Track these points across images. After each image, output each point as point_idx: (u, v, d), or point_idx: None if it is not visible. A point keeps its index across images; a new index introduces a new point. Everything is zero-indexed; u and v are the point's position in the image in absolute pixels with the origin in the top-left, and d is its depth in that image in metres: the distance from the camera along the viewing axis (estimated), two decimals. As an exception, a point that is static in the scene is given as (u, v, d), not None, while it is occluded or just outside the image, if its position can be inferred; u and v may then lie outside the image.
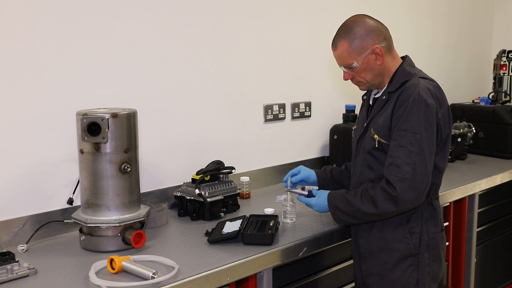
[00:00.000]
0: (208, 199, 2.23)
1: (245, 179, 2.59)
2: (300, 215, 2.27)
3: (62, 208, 2.10)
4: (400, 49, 1.99)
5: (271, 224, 2.04)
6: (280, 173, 2.90)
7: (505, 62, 3.83)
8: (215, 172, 2.36)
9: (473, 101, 3.98)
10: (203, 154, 2.55)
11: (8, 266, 1.66)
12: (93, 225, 1.87)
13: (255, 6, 2.71)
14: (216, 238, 1.95)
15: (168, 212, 2.27)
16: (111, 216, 1.88)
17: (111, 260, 1.69)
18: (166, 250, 1.89)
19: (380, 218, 1.89)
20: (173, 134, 2.45)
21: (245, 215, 2.16)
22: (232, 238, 1.95)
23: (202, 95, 2.54)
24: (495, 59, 3.93)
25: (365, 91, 2.09)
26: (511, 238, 3.41)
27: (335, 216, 1.94)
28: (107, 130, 1.83)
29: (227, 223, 2.09)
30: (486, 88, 4.47)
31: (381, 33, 1.88)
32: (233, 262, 1.78)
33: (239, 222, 2.07)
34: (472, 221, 2.97)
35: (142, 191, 2.15)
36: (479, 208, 3.02)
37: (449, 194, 2.70)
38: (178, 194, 2.33)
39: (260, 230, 2.00)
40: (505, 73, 3.84)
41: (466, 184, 2.84)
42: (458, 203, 2.91)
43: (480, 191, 2.98)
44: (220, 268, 1.74)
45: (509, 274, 3.47)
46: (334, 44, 1.92)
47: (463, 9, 4.18)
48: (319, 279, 2.21)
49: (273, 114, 2.86)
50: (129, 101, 2.24)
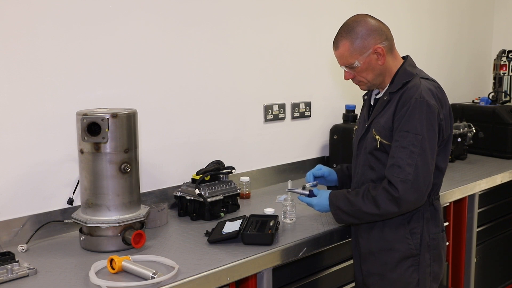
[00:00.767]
0: (208, 199, 2.23)
1: (245, 179, 2.58)
2: (300, 215, 2.27)
3: (62, 208, 2.10)
4: (400, 49, 1.98)
5: (271, 224, 2.04)
6: (280, 173, 2.90)
7: (505, 62, 3.83)
8: (215, 172, 2.36)
9: (473, 101, 3.98)
10: (203, 154, 2.55)
11: (8, 266, 1.66)
12: (93, 225, 1.87)
13: (255, 6, 2.71)
14: (216, 238, 1.95)
15: (168, 212, 2.27)
16: (111, 216, 1.88)
17: (111, 260, 1.69)
18: (166, 250, 1.89)
19: (381, 219, 1.89)
20: (173, 134, 2.45)
21: (245, 215, 2.16)
22: (232, 238, 1.95)
23: (202, 95, 2.54)
24: (495, 59, 3.93)
25: (366, 91, 2.09)
26: (511, 238, 3.41)
27: (336, 216, 1.94)
28: (107, 130, 1.83)
29: (227, 223, 2.09)
30: (486, 88, 4.47)
31: (382, 33, 1.88)
32: (233, 262, 1.78)
33: (239, 222, 2.07)
34: (472, 221, 2.97)
35: (142, 191, 2.15)
36: (479, 208, 3.02)
37: (449, 194, 2.70)
38: (178, 194, 2.33)
39: (260, 230, 2.00)
40: (505, 73, 3.84)
41: (466, 184, 2.84)
42: (458, 203, 2.91)
43: (480, 191, 2.98)
44: (220, 268, 1.74)
45: (509, 274, 3.47)
46: (336, 43, 1.91)
47: (463, 9, 4.18)
48: (319, 279, 2.21)
49: (273, 114, 2.86)
50: (129, 101, 2.24)
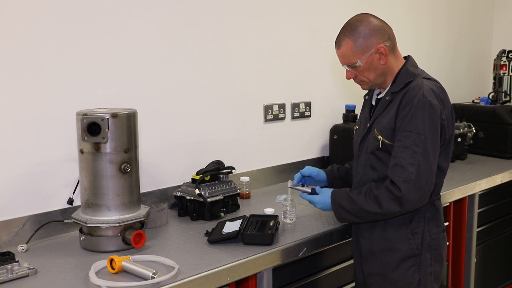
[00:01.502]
0: (208, 199, 2.23)
1: (245, 179, 2.58)
2: (300, 215, 2.27)
3: (62, 208, 2.10)
4: (400, 49, 1.98)
5: (271, 224, 2.04)
6: (280, 173, 2.90)
7: (505, 62, 3.83)
8: (215, 172, 2.36)
9: (473, 101, 3.98)
10: (203, 154, 2.55)
11: (8, 266, 1.66)
12: (93, 225, 1.87)
13: (255, 6, 2.71)
14: (216, 238, 1.95)
15: (168, 212, 2.27)
16: (111, 216, 1.88)
17: (111, 260, 1.69)
18: (166, 250, 1.89)
19: (383, 218, 1.89)
20: (173, 134, 2.45)
21: (245, 215, 2.16)
22: (232, 238, 1.95)
23: (202, 95, 2.54)
24: (495, 59, 3.93)
25: (367, 91, 2.08)
26: (511, 238, 3.41)
27: (337, 214, 1.93)
28: (107, 130, 1.83)
29: (227, 223, 2.09)
30: (486, 88, 4.47)
31: (385, 32, 1.88)
32: (233, 262, 1.78)
33: (239, 222, 2.07)
34: (472, 221, 2.97)
35: (142, 191, 2.15)
36: (479, 208, 3.02)
37: (449, 194, 2.70)
38: (178, 194, 2.33)
39: (260, 230, 2.00)
40: (505, 73, 3.84)
41: (466, 184, 2.84)
42: (458, 203, 2.91)
43: (480, 191, 2.98)
44: (220, 268, 1.74)
45: (509, 274, 3.47)
46: (338, 42, 1.91)
47: (463, 9, 4.18)
48: (319, 279, 2.21)
49: (273, 114, 2.86)
50: (129, 101, 2.24)
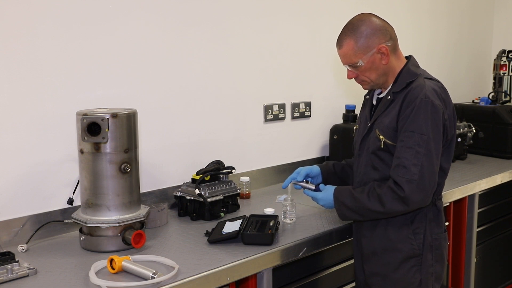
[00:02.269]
0: (208, 199, 2.23)
1: (245, 179, 2.58)
2: (300, 215, 2.27)
3: (62, 208, 2.10)
4: (400, 49, 1.98)
5: (271, 224, 2.04)
6: (280, 173, 2.89)
7: (505, 62, 3.83)
8: (215, 172, 2.36)
9: (473, 101, 3.98)
10: (203, 154, 2.55)
11: (8, 266, 1.66)
12: (93, 225, 1.87)
13: (255, 6, 2.71)
14: (216, 238, 1.95)
15: (168, 212, 2.27)
16: (111, 216, 1.88)
17: (111, 260, 1.69)
18: (166, 250, 1.89)
19: (385, 217, 1.89)
20: (173, 134, 2.45)
21: (245, 215, 2.16)
22: (232, 238, 1.95)
23: (202, 95, 2.54)
24: (495, 59, 3.93)
25: (367, 91, 2.08)
26: (511, 238, 3.41)
27: (339, 211, 1.93)
28: (107, 130, 1.83)
29: (227, 223, 2.09)
30: (486, 88, 4.47)
31: (387, 32, 1.87)
32: (233, 262, 1.78)
33: (239, 222, 2.07)
34: (472, 221, 2.97)
35: (142, 191, 2.15)
36: (479, 208, 3.02)
37: (449, 194, 2.70)
38: (178, 194, 2.33)
39: (260, 230, 2.00)
40: (505, 73, 3.84)
41: (466, 184, 2.84)
42: (458, 203, 2.91)
43: (480, 191, 2.98)
44: (220, 268, 1.74)
45: (509, 274, 3.47)
46: (340, 42, 1.90)
47: (463, 9, 4.18)
48: (319, 279, 2.21)
49: (273, 114, 2.86)
50: (129, 101, 2.24)
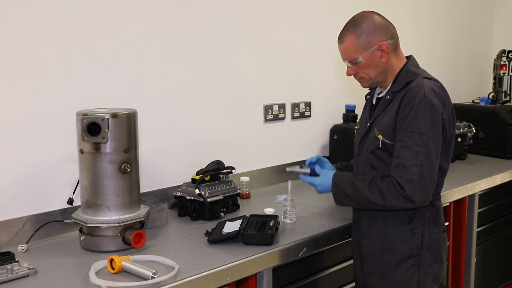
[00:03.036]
0: (208, 199, 2.23)
1: (245, 179, 2.58)
2: (300, 215, 2.27)
3: (62, 208, 2.10)
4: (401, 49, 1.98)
5: (271, 224, 2.04)
6: (280, 173, 2.89)
7: (505, 62, 3.83)
8: (215, 172, 2.36)
9: (473, 101, 3.98)
10: (203, 154, 2.55)
11: (8, 266, 1.66)
12: (93, 225, 1.87)
13: (255, 6, 2.71)
14: (216, 238, 1.95)
15: (168, 212, 2.27)
16: (111, 216, 1.88)
17: (111, 260, 1.69)
18: (166, 250, 1.89)
19: (384, 210, 1.89)
20: (173, 134, 2.45)
21: (245, 215, 2.16)
22: (232, 238, 1.95)
23: (202, 95, 2.54)
24: (495, 59, 3.93)
25: (368, 91, 2.08)
26: (511, 238, 3.41)
27: (336, 197, 1.93)
28: (107, 130, 1.83)
29: (227, 223, 2.09)
30: (486, 88, 4.47)
31: (388, 30, 1.88)
32: (233, 262, 1.78)
33: (239, 222, 2.07)
34: (472, 221, 2.97)
35: (142, 191, 2.15)
36: (479, 208, 3.02)
37: (449, 194, 2.70)
38: (178, 194, 2.33)
39: (260, 230, 2.00)
40: (505, 73, 3.84)
41: (466, 184, 2.84)
42: (458, 203, 2.91)
43: (480, 191, 2.98)
44: (220, 268, 1.74)
45: (509, 274, 3.47)
46: (341, 38, 1.91)
47: (463, 9, 4.18)
48: (319, 279, 2.21)
49: (273, 114, 2.86)
50: (129, 101, 2.24)
